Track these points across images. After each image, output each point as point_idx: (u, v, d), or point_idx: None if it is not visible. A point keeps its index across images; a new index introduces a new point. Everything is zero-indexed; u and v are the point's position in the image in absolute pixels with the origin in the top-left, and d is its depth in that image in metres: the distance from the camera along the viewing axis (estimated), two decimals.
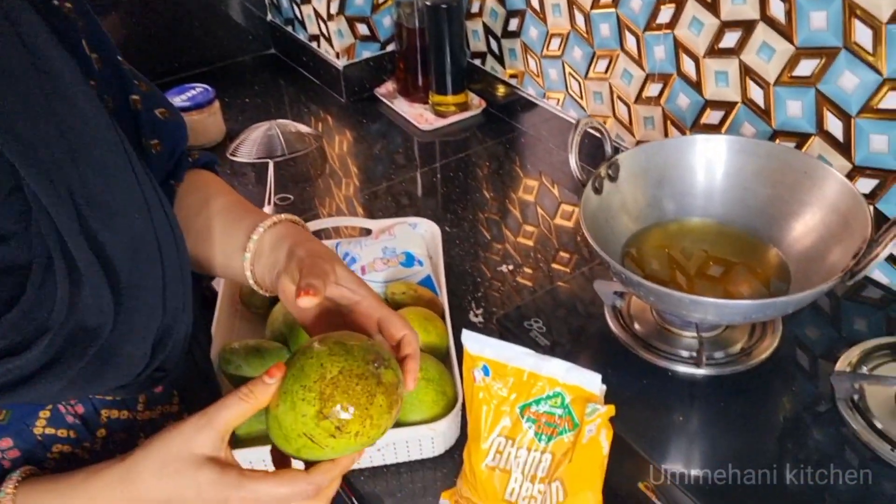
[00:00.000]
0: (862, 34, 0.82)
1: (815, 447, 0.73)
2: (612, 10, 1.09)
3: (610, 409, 0.67)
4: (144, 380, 0.57)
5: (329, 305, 0.61)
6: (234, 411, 0.51)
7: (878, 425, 0.72)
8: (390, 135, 1.36)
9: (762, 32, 0.91)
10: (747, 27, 0.93)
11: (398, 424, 0.75)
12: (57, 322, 0.49)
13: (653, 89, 1.09)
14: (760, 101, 0.96)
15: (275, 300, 0.93)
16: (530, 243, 1.07)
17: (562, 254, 1.05)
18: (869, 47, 0.82)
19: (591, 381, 0.68)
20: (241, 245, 0.64)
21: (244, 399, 0.51)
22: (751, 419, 0.76)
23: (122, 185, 0.51)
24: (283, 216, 0.65)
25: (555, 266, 1.02)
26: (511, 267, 1.03)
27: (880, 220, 0.89)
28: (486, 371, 0.70)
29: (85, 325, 0.50)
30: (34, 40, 0.49)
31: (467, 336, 0.70)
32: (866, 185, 0.89)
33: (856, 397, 0.75)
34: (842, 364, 0.79)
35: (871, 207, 0.88)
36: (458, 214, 1.14)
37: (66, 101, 0.49)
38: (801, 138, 0.93)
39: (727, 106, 1.00)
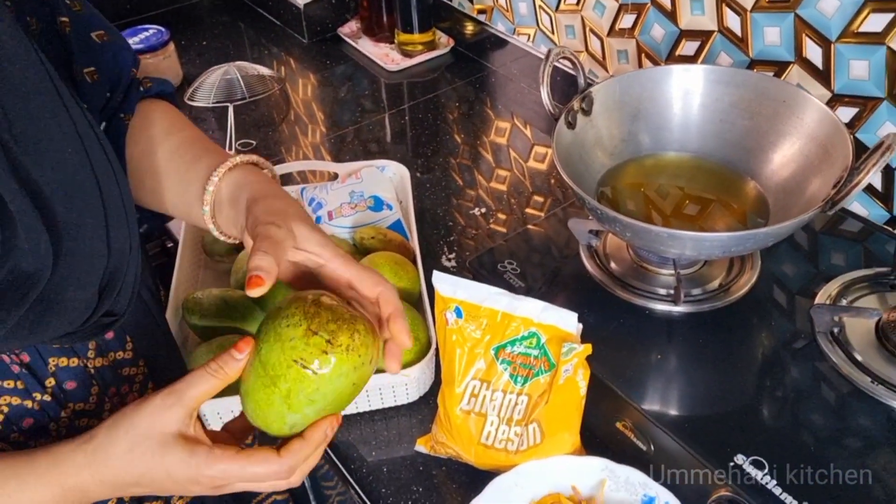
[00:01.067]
0: None
1: (795, 382, 0.72)
2: None
3: (587, 349, 0.66)
4: (93, 326, 0.53)
5: (296, 269, 0.57)
6: (203, 388, 0.48)
7: (858, 358, 0.72)
8: (356, 77, 1.31)
9: None
10: None
11: None
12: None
13: (626, 20, 1.05)
14: (737, 29, 0.92)
15: (240, 247, 0.89)
16: (503, 187, 1.04)
17: (536, 197, 1.02)
18: None
19: (568, 321, 0.66)
20: (198, 195, 0.59)
21: (213, 375, 0.48)
22: (729, 355, 0.75)
23: (51, 118, 0.47)
24: (238, 159, 0.60)
25: (529, 211, 0.99)
26: (483, 210, 0.99)
27: (860, 150, 0.87)
28: (458, 313, 0.67)
29: (21, 269, 0.46)
30: None
31: (438, 277, 0.67)
32: (846, 113, 0.86)
33: (835, 330, 0.74)
34: (821, 297, 0.77)
35: (852, 136, 0.85)
36: (428, 158, 1.10)
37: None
38: (779, 67, 0.90)
39: (703, 35, 0.96)
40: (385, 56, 1.31)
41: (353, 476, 0.70)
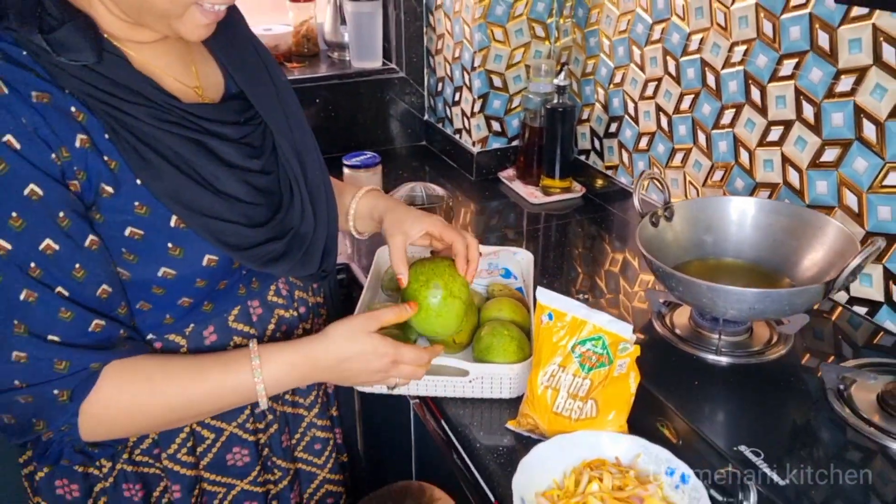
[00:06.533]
0: (868, 129, 1.09)
1: (804, 422, 0.93)
2: (689, 114, 1.41)
3: (636, 349, 0.93)
4: (320, 272, 0.93)
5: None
6: (389, 315, 0.87)
7: (862, 413, 0.92)
8: (505, 210, 1.70)
9: (798, 129, 1.20)
10: (787, 125, 1.22)
11: (486, 361, 1.02)
12: (293, 225, 0.87)
13: (717, 175, 1.38)
14: (796, 183, 1.22)
15: None
16: (604, 287, 1.34)
17: (635, 304, 1.31)
18: (874, 138, 1.08)
19: (625, 329, 0.94)
20: (345, 211, 1.06)
21: (397, 312, 0.88)
22: (757, 397, 0.98)
23: (306, 132, 0.94)
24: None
25: (624, 302, 1.29)
26: (585, 297, 1.30)
27: (888, 276, 1.11)
28: (550, 317, 0.97)
29: (300, 231, 0.89)
30: (273, 69, 0.94)
31: (541, 291, 0.99)
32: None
33: (841, 387, 0.96)
34: (831, 362, 1.00)
35: (881, 266, 1.10)
36: (551, 274, 1.43)
37: (287, 101, 0.93)
38: (827, 210, 1.18)
39: (771, 186, 1.27)
40: (531, 193, 1.71)
41: (460, 443, 0.98)
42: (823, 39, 1.12)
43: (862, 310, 1.16)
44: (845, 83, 1.11)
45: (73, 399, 0.75)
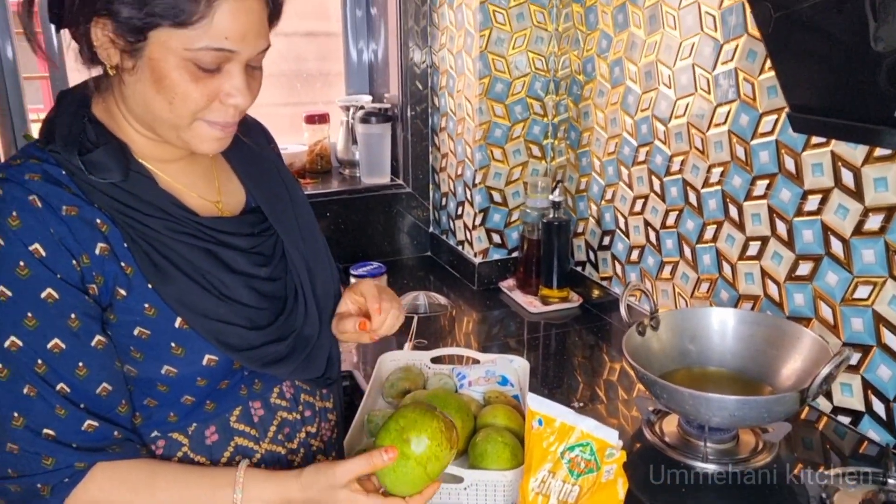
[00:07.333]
0: (836, 245, 1.17)
1: None
2: (675, 229, 1.51)
3: (623, 455, 0.97)
4: (324, 378, 0.99)
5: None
6: (360, 465, 0.84)
7: None
8: (507, 317, 1.78)
9: (773, 244, 1.28)
10: (763, 241, 1.30)
11: (480, 468, 1.06)
12: (295, 328, 0.94)
13: (703, 286, 1.45)
14: (776, 296, 1.29)
15: (404, 393, 1.31)
16: (601, 393, 1.39)
17: (633, 412, 1.36)
18: (841, 254, 1.16)
19: (612, 436, 0.99)
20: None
21: (369, 461, 0.84)
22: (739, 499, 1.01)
23: (318, 241, 1.02)
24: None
25: (622, 412, 1.33)
26: (582, 405, 1.35)
27: (866, 386, 1.16)
28: (540, 422, 1.02)
29: (304, 334, 0.95)
30: (292, 185, 1.04)
31: (532, 397, 1.04)
32: (853, 357, 1.17)
33: (823, 496, 0.99)
34: (819, 471, 1.03)
35: (859, 376, 1.16)
36: (550, 381, 1.49)
37: (302, 213, 1.02)
38: (806, 321, 1.24)
39: (753, 298, 1.34)
40: (529, 302, 1.78)
41: None
42: (790, 163, 1.23)
43: (846, 419, 1.20)
44: (812, 202, 1.20)
45: (54, 494, 0.80)
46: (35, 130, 1.91)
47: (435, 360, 1.40)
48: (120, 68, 0.81)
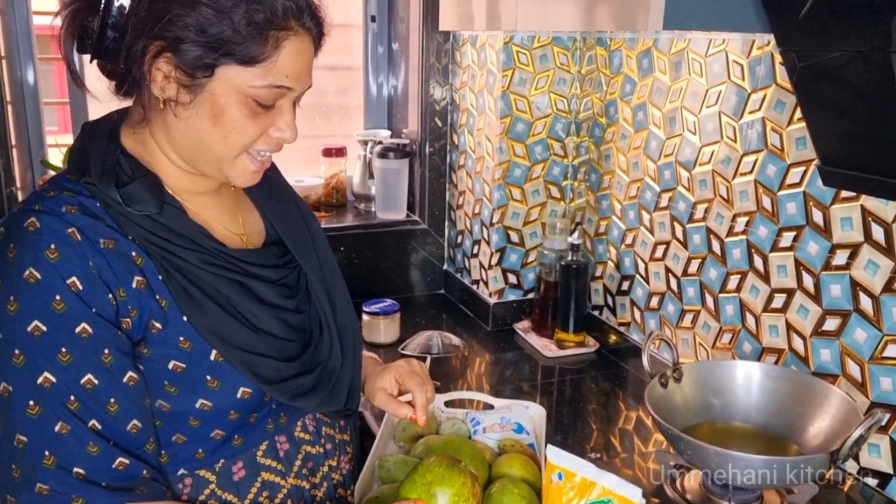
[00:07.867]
0: (865, 301, 1.14)
1: None
2: (697, 277, 1.48)
3: None
4: (345, 409, 0.97)
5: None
6: None
7: None
8: (521, 360, 1.74)
9: (799, 298, 1.26)
10: (789, 293, 1.27)
11: None
12: (321, 360, 0.92)
13: (725, 337, 1.42)
14: (801, 350, 1.26)
15: (416, 437, 1.27)
16: (623, 457, 1.36)
17: (650, 464, 1.32)
18: (871, 311, 1.14)
19: (635, 493, 0.95)
20: None
21: None
22: None
23: (336, 273, 1.02)
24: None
25: (640, 465, 1.29)
26: (598, 455, 1.31)
27: (894, 446, 1.12)
28: (560, 476, 0.99)
29: (328, 367, 0.93)
30: (309, 219, 1.04)
31: (551, 450, 1.01)
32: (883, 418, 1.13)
33: None
34: None
35: (888, 437, 1.12)
36: (564, 429, 1.45)
37: (320, 247, 1.02)
38: (832, 378, 1.21)
39: (778, 352, 1.31)
40: (545, 346, 1.75)
41: None
42: (818, 216, 1.21)
43: (873, 482, 1.16)
44: (840, 257, 1.17)
45: None
46: (51, 155, 1.91)
47: (448, 404, 1.37)
48: (173, 102, 0.81)
